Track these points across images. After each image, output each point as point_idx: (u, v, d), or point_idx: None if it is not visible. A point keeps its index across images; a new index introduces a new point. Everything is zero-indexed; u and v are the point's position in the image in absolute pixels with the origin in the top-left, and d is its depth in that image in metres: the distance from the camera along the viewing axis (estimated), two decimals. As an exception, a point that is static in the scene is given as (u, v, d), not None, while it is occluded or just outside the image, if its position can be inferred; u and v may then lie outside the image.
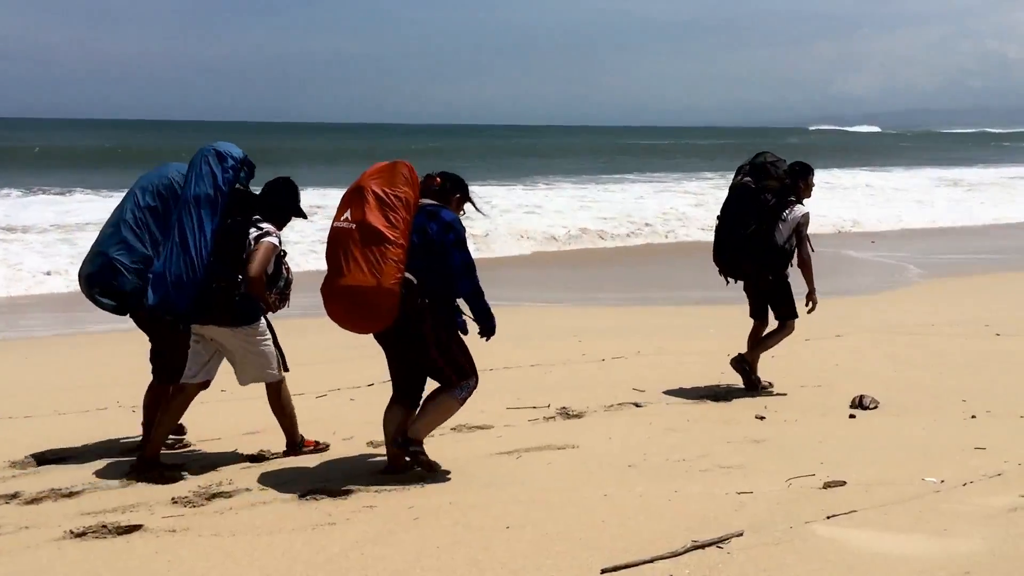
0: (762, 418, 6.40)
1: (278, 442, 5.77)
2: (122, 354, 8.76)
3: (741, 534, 4.21)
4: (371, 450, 5.71)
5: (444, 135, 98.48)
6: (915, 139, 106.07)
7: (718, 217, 7.20)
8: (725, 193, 7.25)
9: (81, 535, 4.34)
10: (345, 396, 7.10)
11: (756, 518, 4.42)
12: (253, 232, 5.10)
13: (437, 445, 5.78)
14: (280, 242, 5.18)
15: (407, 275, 4.76)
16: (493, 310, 5.06)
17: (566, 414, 6.55)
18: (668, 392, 7.17)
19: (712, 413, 6.60)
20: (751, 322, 7.37)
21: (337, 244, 4.81)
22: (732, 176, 7.26)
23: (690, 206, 24.69)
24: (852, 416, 6.45)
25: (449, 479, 5.12)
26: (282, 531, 4.37)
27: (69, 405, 6.79)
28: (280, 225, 5.26)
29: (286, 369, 5.53)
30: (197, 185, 5.05)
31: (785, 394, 7.08)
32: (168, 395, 5.42)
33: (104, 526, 4.42)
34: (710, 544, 4.10)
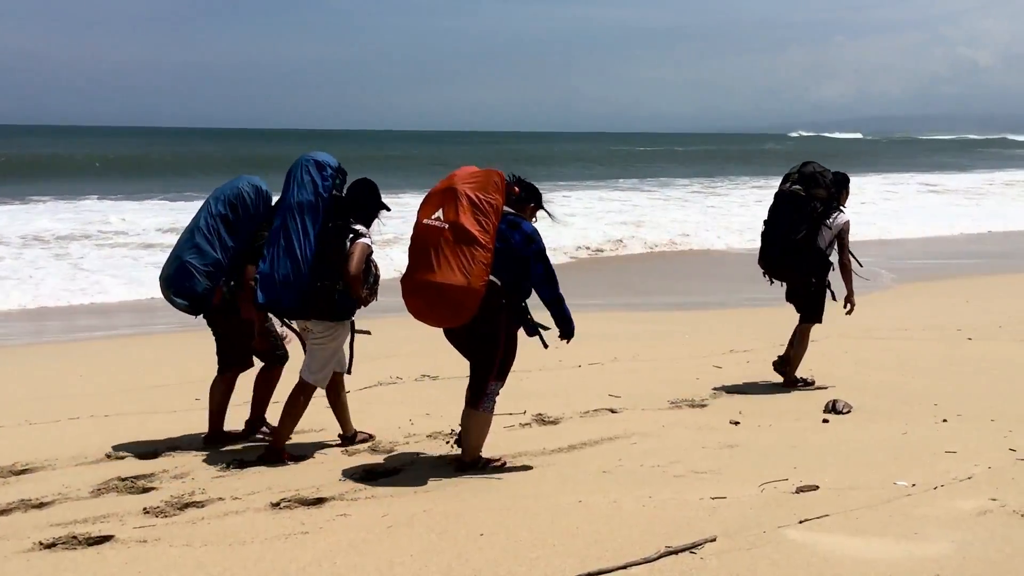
0: (736, 423, 6.43)
1: (250, 450, 5.75)
2: (94, 364, 8.70)
3: (714, 539, 4.23)
4: (346, 458, 5.69)
5: (421, 141, 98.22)
6: (898, 145, 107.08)
7: (765, 222, 7.47)
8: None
9: (51, 546, 4.29)
10: (320, 404, 7.05)
11: (729, 523, 4.44)
12: (349, 234, 5.43)
13: (413, 451, 5.77)
14: (371, 243, 5.52)
15: (492, 278, 4.99)
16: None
17: (542, 420, 6.55)
18: (643, 398, 7.20)
19: (687, 419, 6.62)
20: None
21: (427, 241, 4.99)
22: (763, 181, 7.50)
23: (672, 211, 24.89)
24: (825, 421, 6.49)
25: (423, 487, 5.11)
26: (255, 540, 4.34)
27: (40, 415, 6.72)
28: (368, 223, 5.59)
29: (348, 372, 5.85)
30: (299, 193, 5.41)
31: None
32: (270, 383, 6.12)
33: (74, 537, 4.37)
34: (683, 550, 4.11)
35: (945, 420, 6.44)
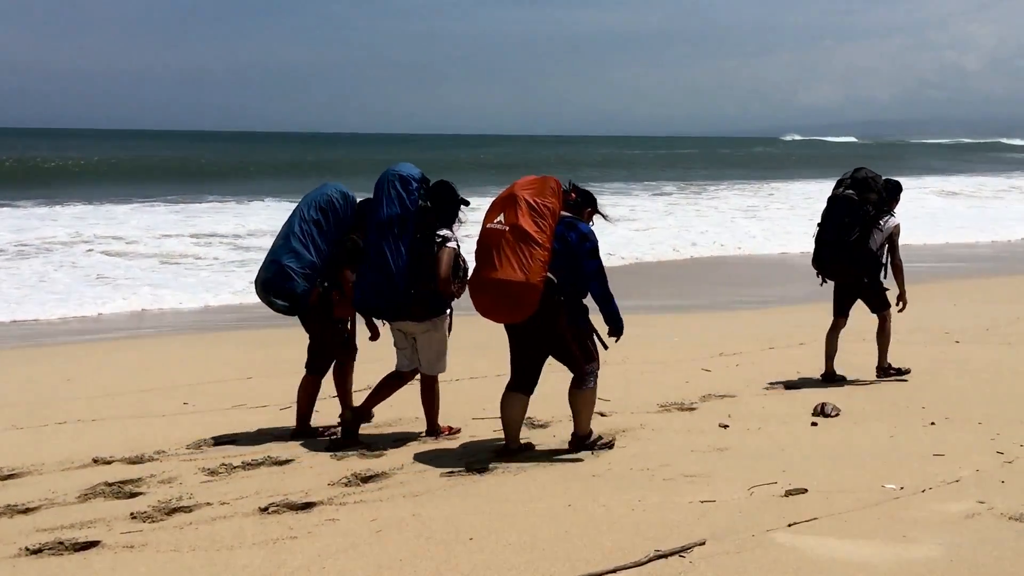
0: (725, 427, 6.43)
1: (238, 455, 5.73)
2: (80, 368, 8.66)
3: (703, 543, 4.23)
4: (334, 462, 5.67)
5: (406, 144, 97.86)
6: (897, 149, 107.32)
7: (819, 225, 7.86)
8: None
9: (37, 552, 4.27)
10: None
11: (718, 527, 4.45)
12: (436, 240, 5.86)
13: (402, 454, 5.76)
14: (457, 243, 5.93)
15: (549, 275, 5.36)
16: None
17: (531, 424, 6.54)
18: (632, 401, 7.20)
19: (676, 422, 6.63)
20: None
21: (490, 243, 5.42)
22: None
23: (665, 215, 24.91)
24: (814, 424, 6.50)
25: (412, 491, 5.10)
26: (242, 546, 4.32)
27: (26, 419, 6.68)
28: (452, 222, 5.98)
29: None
30: (388, 207, 5.81)
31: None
32: (339, 379, 6.42)
33: (61, 543, 4.35)
34: (672, 553, 4.11)
35: (933, 423, 6.46)
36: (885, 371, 7.93)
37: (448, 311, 6.03)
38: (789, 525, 4.46)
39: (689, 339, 9.76)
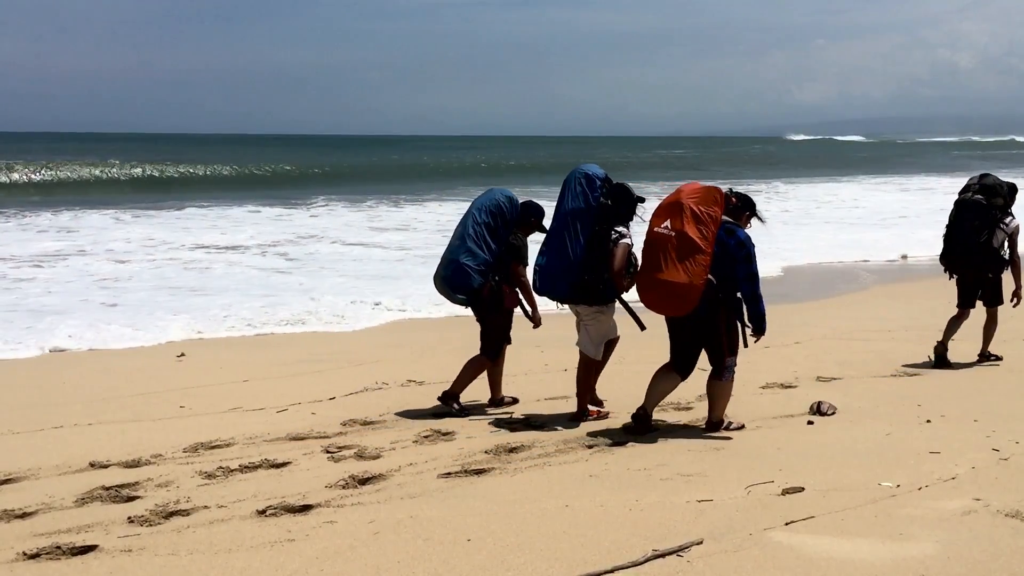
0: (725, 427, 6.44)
1: (235, 458, 5.73)
2: (77, 372, 8.65)
3: (701, 542, 4.24)
4: (332, 465, 5.67)
5: (402, 146, 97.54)
6: (916, 148, 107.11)
7: (947, 226, 8.57)
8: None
9: (35, 556, 4.26)
10: (306, 410, 7.05)
11: (716, 526, 4.46)
12: (613, 236, 6.36)
13: (399, 456, 5.76)
14: (631, 241, 6.40)
15: (710, 276, 5.89)
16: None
17: (528, 424, 6.56)
18: (629, 401, 7.20)
19: (672, 421, 6.64)
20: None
21: (657, 246, 6.01)
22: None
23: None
24: (810, 422, 6.52)
25: (409, 493, 5.10)
26: (240, 549, 4.32)
27: (23, 424, 6.67)
28: (628, 220, 6.48)
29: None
30: (573, 202, 6.39)
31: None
32: (491, 368, 7.05)
33: (58, 547, 4.34)
34: (670, 553, 4.12)
35: (929, 421, 6.47)
36: (986, 357, 8.63)
37: (611, 305, 6.56)
38: (786, 524, 4.47)
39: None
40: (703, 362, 6.34)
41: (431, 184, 39.46)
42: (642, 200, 6.57)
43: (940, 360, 8.45)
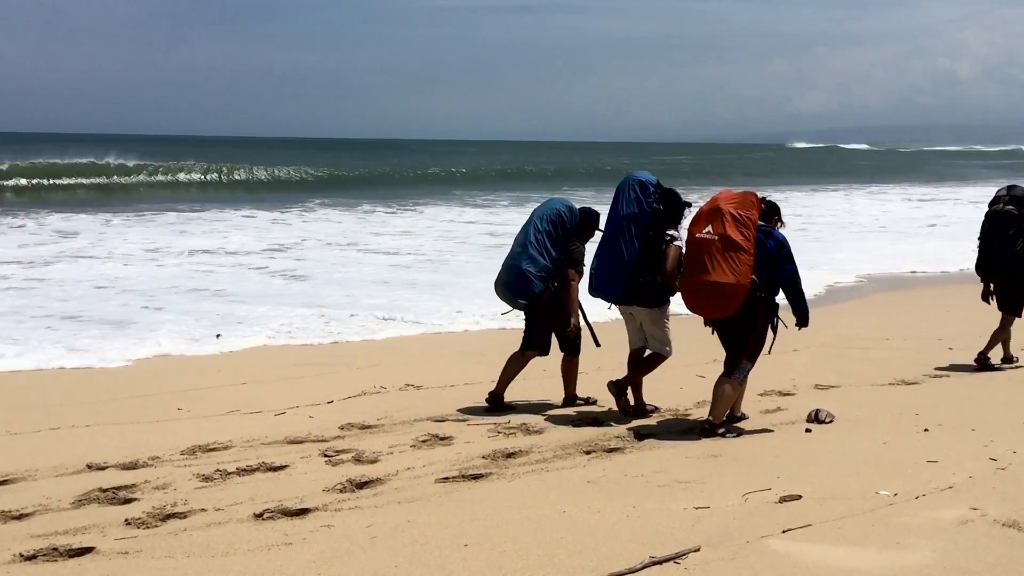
0: (720, 433, 6.44)
1: (233, 461, 5.73)
2: (75, 373, 8.64)
3: (698, 549, 4.24)
4: (329, 468, 5.66)
5: (397, 149, 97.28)
6: (928, 157, 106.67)
7: (980, 237, 8.85)
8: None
9: (31, 558, 4.26)
10: (304, 413, 7.05)
11: (713, 533, 4.46)
12: (666, 238, 6.68)
13: (396, 461, 5.76)
14: (682, 243, 6.65)
15: (754, 277, 6.14)
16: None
17: (527, 430, 6.56)
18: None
19: (670, 428, 6.64)
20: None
21: (701, 250, 6.24)
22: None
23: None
24: (808, 430, 6.52)
25: (407, 497, 5.10)
26: (237, 552, 4.32)
27: (20, 425, 6.67)
28: (678, 224, 6.80)
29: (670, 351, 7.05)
30: (627, 207, 6.69)
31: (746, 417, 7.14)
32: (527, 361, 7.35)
33: (55, 548, 4.34)
34: (667, 560, 4.12)
35: (926, 429, 6.48)
36: (984, 362, 8.71)
37: (667, 305, 6.86)
38: (783, 531, 4.47)
39: (683, 345, 9.76)
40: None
41: (430, 189, 39.41)
42: (689, 205, 6.83)
43: (989, 361, 8.75)
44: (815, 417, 6.75)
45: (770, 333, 6.47)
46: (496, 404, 7.14)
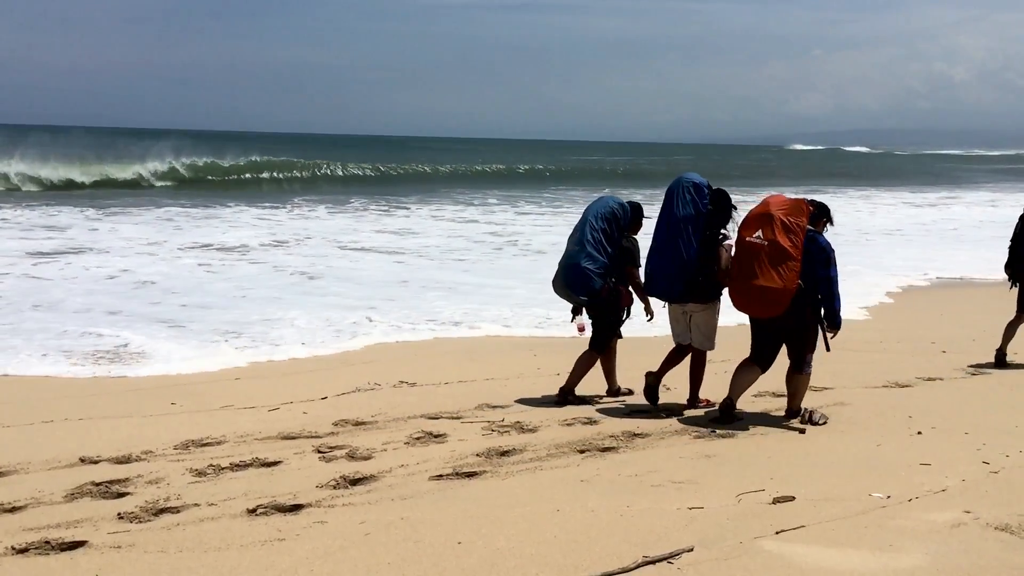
0: (714, 432, 6.46)
1: (226, 456, 5.72)
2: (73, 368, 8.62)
3: (691, 549, 4.25)
4: (323, 464, 5.66)
5: (401, 147, 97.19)
6: (917, 161, 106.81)
7: (1013, 238, 9.21)
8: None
9: (23, 551, 4.25)
10: (298, 409, 7.05)
11: (706, 533, 4.46)
12: (719, 237, 6.97)
13: (390, 457, 5.75)
14: (732, 243, 6.85)
15: (800, 281, 6.40)
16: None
17: (521, 428, 6.55)
18: (621, 407, 7.22)
19: (665, 428, 6.64)
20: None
21: (751, 255, 6.50)
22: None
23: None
24: (802, 432, 6.53)
25: (400, 494, 5.10)
26: (230, 547, 4.31)
27: (13, 418, 6.65)
28: (727, 223, 7.02)
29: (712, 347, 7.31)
30: (684, 209, 6.95)
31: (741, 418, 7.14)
32: (603, 360, 7.56)
33: (47, 542, 4.33)
34: (661, 560, 4.13)
35: (920, 433, 6.49)
36: (1002, 358, 9.01)
37: (719, 300, 7.12)
38: (777, 533, 4.48)
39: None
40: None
41: (430, 187, 39.28)
42: (736, 207, 7.06)
43: (1001, 360, 8.98)
44: (809, 418, 6.75)
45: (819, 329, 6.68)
46: (564, 398, 7.35)
